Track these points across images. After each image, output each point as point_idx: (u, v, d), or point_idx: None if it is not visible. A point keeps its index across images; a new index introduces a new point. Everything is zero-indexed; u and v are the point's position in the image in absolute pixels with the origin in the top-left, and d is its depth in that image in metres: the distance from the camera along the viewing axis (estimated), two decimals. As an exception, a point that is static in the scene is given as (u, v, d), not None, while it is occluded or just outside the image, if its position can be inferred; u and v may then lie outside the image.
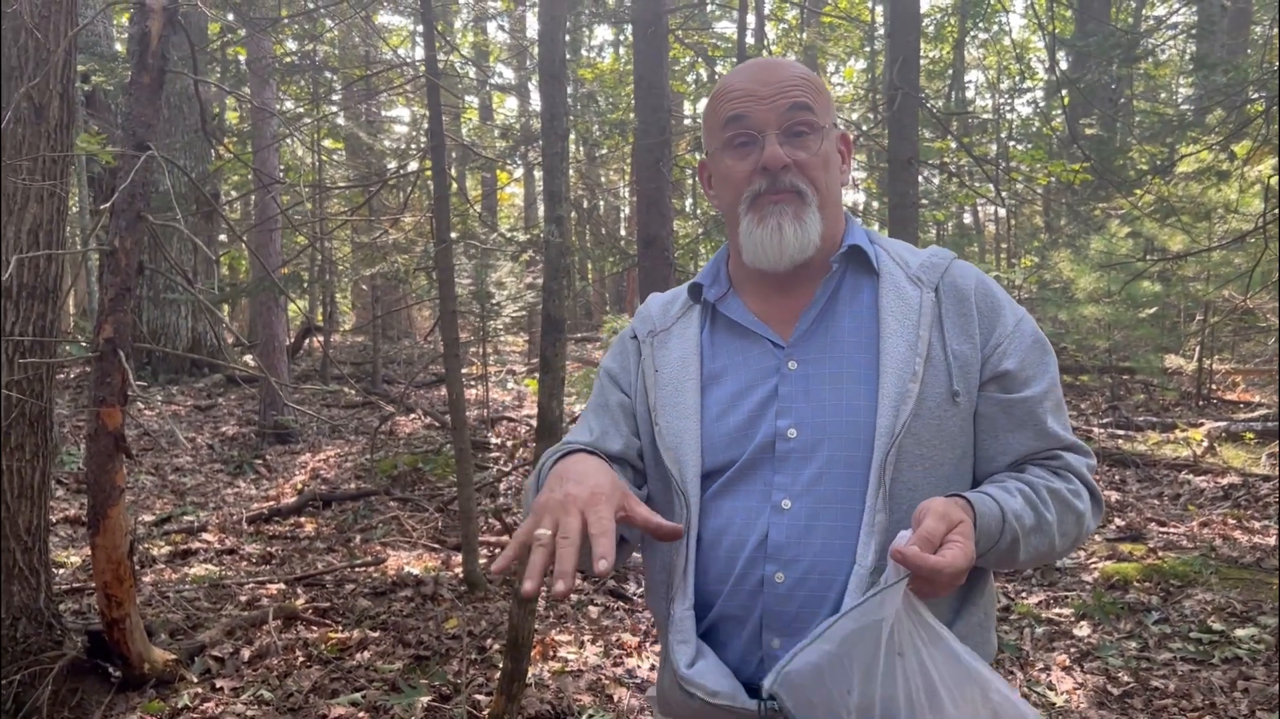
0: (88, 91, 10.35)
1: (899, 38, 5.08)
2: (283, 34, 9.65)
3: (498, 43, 16.30)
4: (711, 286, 1.48)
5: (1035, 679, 3.95)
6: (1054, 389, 1.39)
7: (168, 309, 11.76)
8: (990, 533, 1.25)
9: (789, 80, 1.38)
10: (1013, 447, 1.37)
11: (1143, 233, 9.83)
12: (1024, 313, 1.43)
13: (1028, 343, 1.39)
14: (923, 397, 1.32)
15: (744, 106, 1.38)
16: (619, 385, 1.52)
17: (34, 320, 3.66)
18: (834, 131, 1.43)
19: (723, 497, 1.38)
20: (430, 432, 9.49)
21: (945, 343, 1.36)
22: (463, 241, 9.86)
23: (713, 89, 1.47)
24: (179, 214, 3.96)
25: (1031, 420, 1.37)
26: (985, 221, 19.83)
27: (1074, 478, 1.38)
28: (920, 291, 1.38)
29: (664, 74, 6.51)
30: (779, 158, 1.35)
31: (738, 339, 1.44)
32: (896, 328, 1.35)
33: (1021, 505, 1.30)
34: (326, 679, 4.00)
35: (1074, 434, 1.42)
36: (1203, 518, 6.00)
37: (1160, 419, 8.76)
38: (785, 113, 1.36)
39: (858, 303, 1.40)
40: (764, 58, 1.45)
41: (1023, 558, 1.31)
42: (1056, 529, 1.33)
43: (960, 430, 1.36)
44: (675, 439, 1.40)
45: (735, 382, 1.41)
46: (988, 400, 1.37)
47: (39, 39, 3.59)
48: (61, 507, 6.75)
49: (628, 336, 1.55)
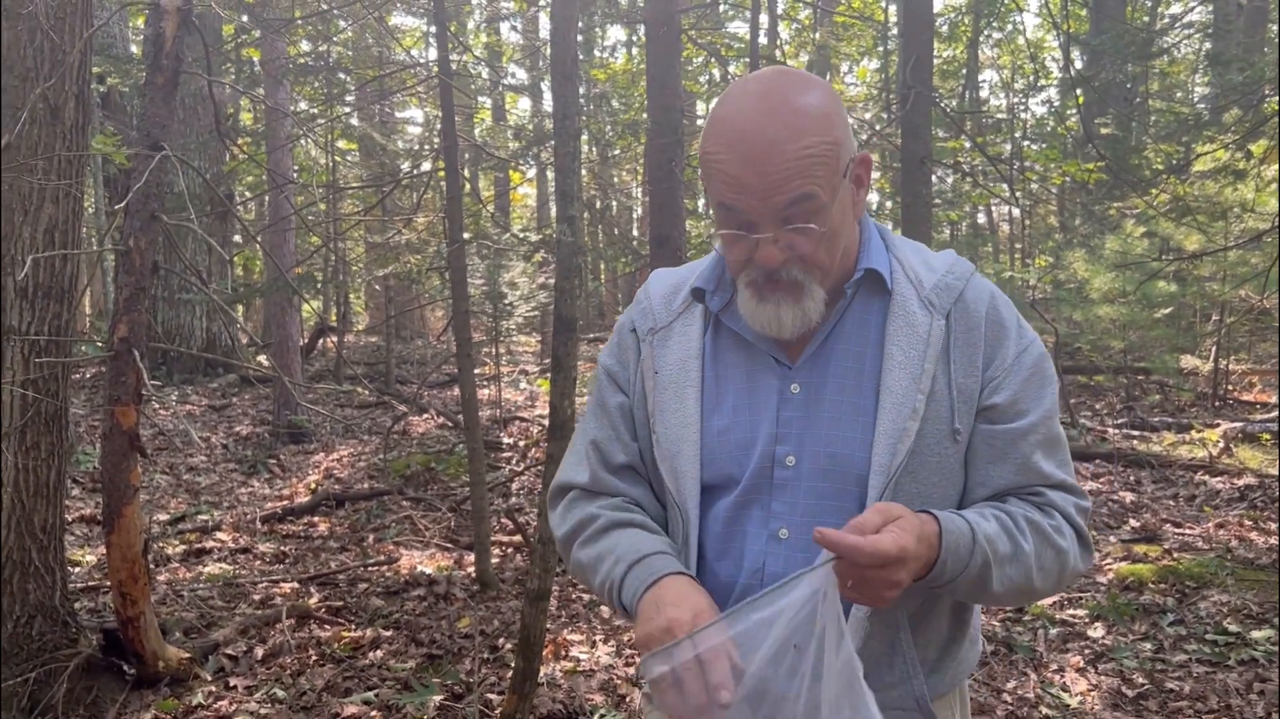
0: (103, 93, 10.41)
1: (912, 37, 5.07)
2: (296, 35, 9.68)
3: (510, 43, 16.32)
4: (714, 294, 1.39)
5: (1049, 680, 3.93)
6: (1044, 424, 1.32)
7: (182, 309, 11.81)
8: (958, 553, 1.20)
9: (790, 168, 1.20)
10: (992, 479, 1.31)
11: (1158, 232, 9.78)
12: (1031, 341, 1.35)
13: (1024, 376, 1.32)
14: (922, 433, 1.27)
15: (735, 199, 1.23)
16: (618, 384, 1.46)
17: (49, 320, 3.69)
18: (848, 179, 1.28)
19: (722, 518, 1.34)
20: (443, 431, 9.51)
21: (950, 376, 1.30)
22: (475, 242, 9.87)
23: (708, 119, 1.29)
24: (193, 214, 3.98)
25: (1014, 453, 1.30)
26: (999, 221, 19.75)
27: (1057, 514, 1.31)
28: (931, 318, 1.31)
29: (676, 74, 6.51)
30: (773, 259, 1.24)
31: (741, 351, 1.38)
32: (901, 359, 1.30)
33: (996, 530, 1.24)
34: (339, 678, 4.02)
35: (1073, 475, 1.35)
36: (1218, 519, 5.96)
37: (1176, 420, 8.71)
38: (784, 209, 1.22)
39: (866, 327, 1.34)
40: (759, 114, 1.22)
41: (997, 588, 1.24)
42: (1034, 562, 1.26)
43: (960, 467, 1.32)
44: (673, 449, 1.36)
45: (736, 396, 1.36)
46: (975, 432, 1.31)
47: (55, 40, 3.61)
48: (77, 506, 6.79)
49: (627, 329, 1.47)
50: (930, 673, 1.34)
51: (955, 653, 1.38)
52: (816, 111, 1.23)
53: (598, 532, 1.38)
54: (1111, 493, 6.62)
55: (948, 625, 1.37)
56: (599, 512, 1.40)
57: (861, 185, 1.32)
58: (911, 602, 1.30)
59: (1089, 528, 1.35)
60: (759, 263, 1.26)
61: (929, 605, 1.33)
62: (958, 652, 1.38)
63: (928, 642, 1.34)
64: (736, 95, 1.26)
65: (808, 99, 1.23)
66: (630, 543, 1.33)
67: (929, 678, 1.33)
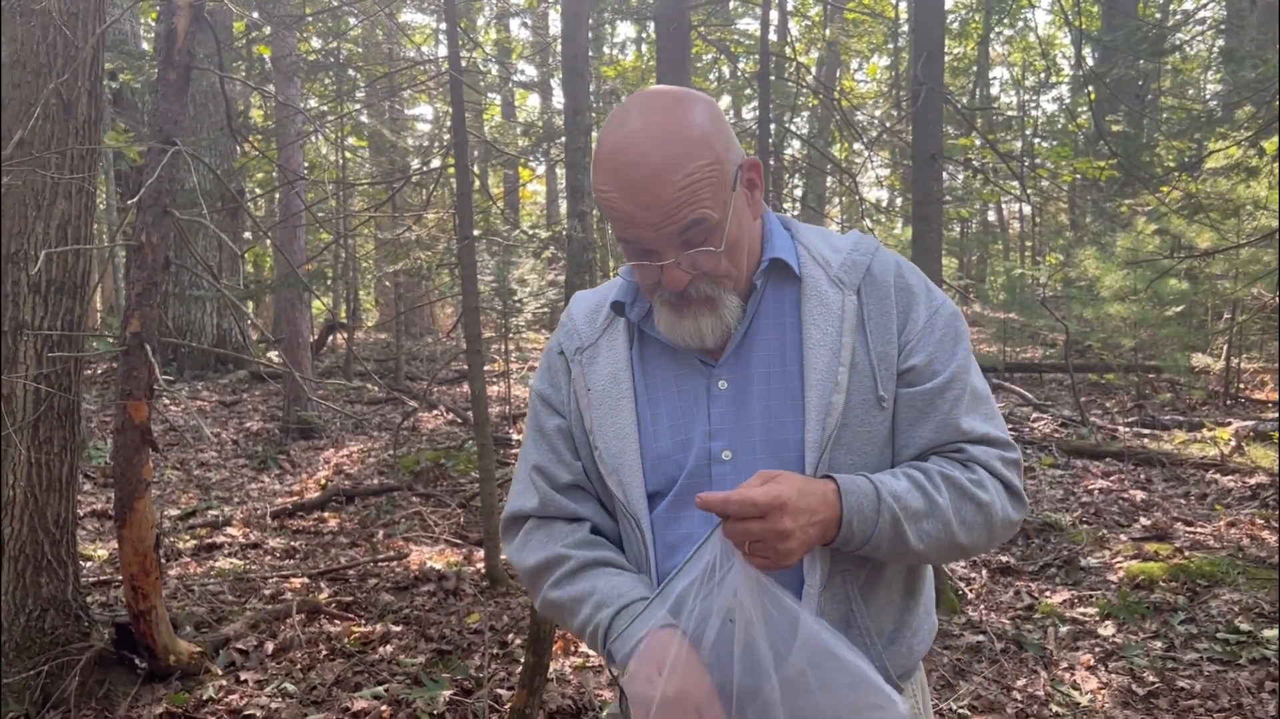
0: (115, 89, 10.45)
1: (923, 33, 5.05)
2: (307, 32, 9.70)
3: (520, 40, 16.33)
4: (633, 306, 1.42)
5: (1059, 678, 3.93)
6: (960, 380, 1.35)
7: (193, 305, 11.85)
8: (863, 510, 1.24)
9: (676, 197, 1.23)
10: (915, 439, 1.35)
11: (1169, 230, 9.73)
12: (941, 302, 1.40)
13: (937, 336, 1.36)
14: (848, 405, 1.31)
15: (630, 233, 1.27)
16: (552, 407, 1.48)
17: (62, 315, 3.70)
18: (739, 189, 1.31)
19: (671, 521, 1.37)
20: (453, 428, 9.52)
21: (869, 347, 1.34)
22: (485, 238, 9.88)
23: (600, 149, 1.30)
24: (205, 210, 3.99)
25: (933, 411, 1.34)
26: (1010, 219, 19.70)
27: (979, 468, 1.33)
28: (842, 294, 1.36)
29: (687, 71, 6.50)
30: (680, 281, 1.29)
31: (667, 357, 1.41)
32: (819, 337, 1.33)
33: (906, 487, 1.27)
34: (349, 672, 4.03)
35: (1000, 429, 1.38)
36: (1230, 518, 5.94)
37: (1187, 418, 8.68)
38: (679, 234, 1.26)
39: (781, 314, 1.38)
40: (637, 151, 1.24)
41: (917, 545, 1.28)
42: (953, 516, 1.29)
43: (889, 434, 1.35)
44: (616, 462, 1.38)
45: (669, 401, 1.39)
46: (897, 397, 1.35)
47: (67, 36, 3.62)
48: (89, 500, 6.82)
49: (554, 353, 1.50)
50: (889, 644, 1.37)
51: (911, 622, 1.41)
52: (696, 136, 1.25)
53: (570, 574, 1.39)
54: (1122, 491, 6.60)
55: (900, 595, 1.40)
56: (568, 552, 1.40)
57: (755, 188, 1.36)
58: (860, 572, 1.33)
59: (1020, 478, 1.37)
60: (667, 286, 1.30)
61: (876, 575, 1.36)
62: (913, 621, 1.41)
63: (882, 612, 1.37)
64: (616, 128, 1.28)
65: (685, 123, 1.26)
66: (610, 586, 1.35)
67: (887, 649, 1.37)
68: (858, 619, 1.34)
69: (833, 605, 1.32)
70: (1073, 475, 7.08)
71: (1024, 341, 13.01)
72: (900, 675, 1.38)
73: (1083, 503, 6.39)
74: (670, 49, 5.90)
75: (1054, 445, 7.78)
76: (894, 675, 1.36)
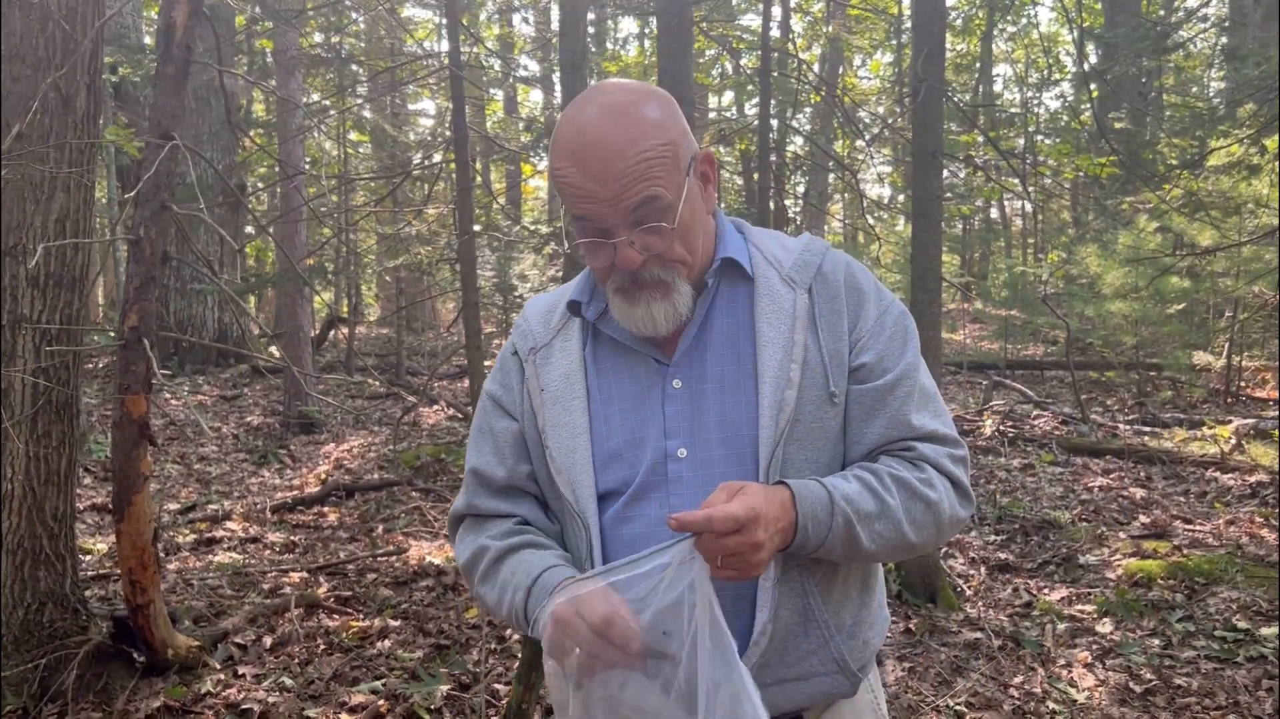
0: (115, 83, 10.44)
1: (924, 29, 5.04)
2: (308, 26, 9.69)
3: (522, 35, 16.32)
4: (589, 304, 1.44)
5: (1057, 676, 3.93)
6: (909, 377, 1.37)
7: (194, 300, 11.86)
8: (817, 517, 1.25)
9: (629, 172, 1.25)
10: (866, 436, 1.36)
11: (1171, 228, 9.73)
12: (890, 302, 1.42)
13: (887, 334, 1.39)
14: (800, 401, 1.32)
15: (587, 209, 1.29)
16: (502, 408, 1.49)
17: (60, 309, 3.70)
18: (692, 177, 1.33)
19: (623, 521, 1.37)
20: (453, 423, 9.53)
21: (820, 344, 1.36)
22: (486, 234, 9.88)
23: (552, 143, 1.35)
24: (205, 205, 3.99)
25: (883, 408, 1.36)
26: (1012, 216, 19.68)
27: (928, 467, 1.35)
28: (794, 294, 1.38)
29: (689, 67, 6.48)
30: (633, 261, 1.30)
31: (621, 356, 1.42)
32: (772, 335, 1.35)
33: (857, 489, 1.29)
34: (347, 667, 4.03)
35: (948, 425, 1.40)
36: (1229, 515, 5.94)
37: (1188, 416, 8.67)
38: (632, 212, 1.27)
39: (734, 313, 1.39)
40: (592, 126, 1.28)
41: (869, 546, 1.29)
42: (904, 516, 1.30)
43: (841, 430, 1.37)
44: (567, 461, 1.39)
45: (622, 400, 1.40)
46: (848, 394, 1.37)
47: (66, 30, 3.62)
48: (88, 494, 6.83)
49: (508, 353, 1.51)
50: (848, 638, 1.38)
51: (867, 617, 1.42)
52: (651, 119, 1.29)
53: (490, 564, 1.41)
54: (1122, 489, 6.60)
55: (857, 590, 1.41)
56: (488, 543, 1.42)
57: (709, 182, 1.38)
58: (817, 569, 1.34)
59: (967, 475, 1.39)
60: (620, 266, 1.31)
61: (833, 570, 1.37)
62: (869, 615, 1.42)
63: (840, 607, 1.38)
64: (575, 113, 1.32)
65: (642, 108, 1.30)
66: (523, 567, 1.36)
67: (847, 643, 1.38)
68: (815, 614, 1.34)
69: (790, 600, 1.33)
70: (1073, 473, 7.08)
71: (1025, 339, 13.01)
72: (859, 669, 1.39)
73: (1082, 500, 6.39)
74: (672, 45, 5.88)
75: (1054, 443, 7.78)
76: (854, 669, 1.37)
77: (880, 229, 13.18)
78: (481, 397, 1.53)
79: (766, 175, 6.52)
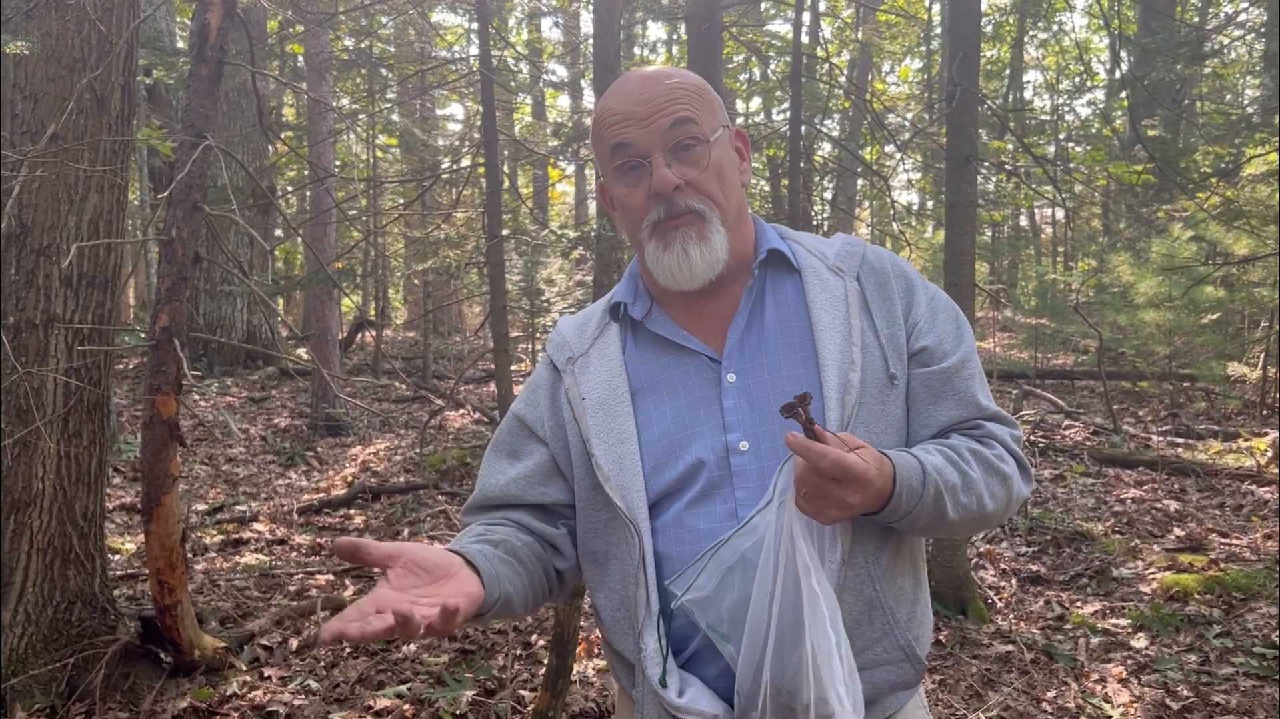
0: (149, 85, 10.53)
1: (959, 33, 4.99)
2: (340, 30, 9.74)
3: (551, 40, 16.35)
4: (635, 304, 1.44)
5: (1091, 691, 3.86)
6: (970, 360, 1.40)
7: (224, 301, 11.94)
8: (912, 486, 1.24)
9: (666, 95, 1.33)
10: (935, 418, 1.38)
11: (1206, 237, 9.59)
12: (936, 290, 1.45)
13: (941, 319, 1.41)
14: (865, 383, 1.33)
15: (625, 133, 1.34)
16: (526, 426, 1.47)
17: (93, 309, 3.72)
18: (725, 134, 1.39)
19: (684, 519, 1.34)
20: (479, 427, 9.53)
21: (876, 328, 1.37)
22: (514, 238, 9.89)
23: (598, 109, 1.42)
24: (236, 206, 4.00)
25: (950, 390, 1.37)
26: (1042, 224, 19.52)
27: (997, 444, 1.37)
28: (843, 281, 1.40)
29: (718, 71, 6.46)
30: (668, 181, 1.32)
31: (667, 354, 1.41)
32: (829, 320, 1.36)
33: (942, 462, 1.29)
34: (373, 670, 4.02)
35: (1003, 409, 1.43)
36: (1267, 529, 5.83)
37: (1222, 428, 8.54)
38: (667, 131, 1.33)
39: (783, 303, 1.40)
40: (638, 71, 1.41)
41: (953, 517, 1.29)
42: (984, 488, 1.32)
43: (903, 412, 1.38)
44: (614, 467, 1.35)
45: (672, 399, 1.38)
46: (911, 377, 1.38)
47: (102, 31, 3.64)
48: (117, 494, 6.87)
49: (542, 368, 1.50)
50: (904, 630, 1.37)
51: (919, 612, 1.40)
52: (691, 76, 1.39)
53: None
54: (1155, 501, 6.50)
55: (910, 585, 1.40)
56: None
57: (743, 158, 1.43)
58: (881, 554, 1.34)
59: (1025, 454, 1.42)
60: (656, 189, 1.33)
61: (894, 559, 1.36)
62: (920, 611, 1.41)
63: (897, 599, 1.36)
64: (621, 77, 1.42)
65: (685, 71, 1.40)
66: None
67: (906, 632, 1.37)
68: (882, 599, 1.33)
69: (856, 587, 1.31)
70: (1104, 484, 6.98)
71: (1055, 348, 12.86)
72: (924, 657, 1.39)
73: (1115, 512, 6.30)
74: (701, 49, 5.86)
75: (1086, 453, 7.67)
76: (920, 656, 1.36)
77: (909, 235, 13.08)
78: (507, 415, 1.51)
79: (797, 179, 6.48)
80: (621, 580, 1.36)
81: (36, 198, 3.59)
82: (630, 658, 1.37)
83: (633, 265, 1.49)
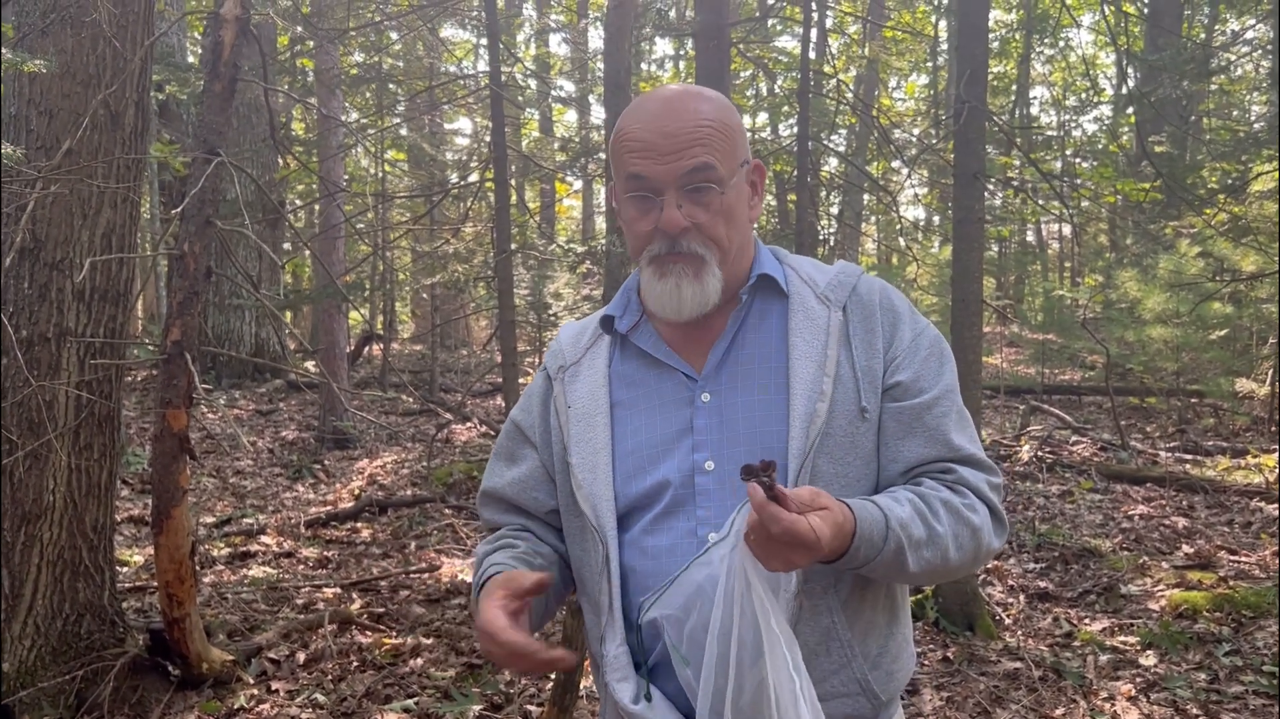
0: (162, 101, 10.60)
1: (966, 50, 5.01)
2: (350, 46, 9.81)
3: (559, 56, 16.42)
4: (623, 317, 1.46)
5: (1099, 709, 3.84)
6: (946, 399, 1.37)
7: (233, 314, 11.97)
8: (872, 540, 1.23)
9: (691, 133, 1.32)
10: (903, 454, 1.36)
11: (1213, 253, 9.59)
12: (925, 325, 1.43)
13: (923, 355, 1.39)
14: (832, 414, 1.33)
15: (643, 165, 1.34)
16: (522, 433, 1.53)
17: (105, 322, 3.74)
18: (743, 171, 1.39)
19: (648, 533, 1.37)
20: (486, 440, 9.54)
21: (854, 360, 1.36)
22: (521, 252, 9.92)
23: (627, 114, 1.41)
24: (246, 220, 4.03)
25: (920, 427, 1.35)
26: (1049, 239, 19.51)
27: (969, 492, 1.34)
28: (828, 310, 1.39)
29: (726, 87, 6.49)
30: (676, 223, 1.33)
31: (649, 370, 1.43)
32: (805, 349, 1.36)
33: (910, 514, 1.27)
34: (380, 684, 4.02)
35: (984, 453, 1.40)
36: (1275, 547, 5.80)
37: (1231, 444, 8.51)
38: (685, 174, 1.32)
39: (765, 328, 1.41)
40: (665, 92, 1.39)
41: (913, 569, 1.28)
42: (951, 542, 1.30)
43: (873, 446, 1.37)
44: (588, 476, 1.39)
45: (648, 414, 1.41)
46: (884, 411, 1.37)
47: (116, 48, 3.67)
48: (126, 506, 6.88)
49: (540, 375, 1.54)
50: (873, 667, 1.36)
51: (892, 648, 1.40)
52: (719, 103, 1.37)
53: (475, 565, 1.48)
54: (1163, 518, 6.48)
55: (884, 620, 1.39)
56: (482, 548, 1.49)
57: (755, 192, 1.43)
58: (842, 588, 1.33)
59: (1002, 503, 1.39)
60: (663, 228, 1.34)
61: (860, 594, 1.35)
62: (894, 647, 1.40)
63: (865, 633, 1.36)
64: (648, 95, 1.41)
65: (711, 94, 1.39)
66: (483, 568, 1.42)
67: (871, 671, 1.36)
68: (838, 633, 1.33)
69: (813, 618, 1.32)
70: (1112, 500, 6.96)
71: (1062, 364, 12.84)
72: (884, 696, 1.37)
73: (1123, 529, 6.28)
74: (709, 65, 5.89)
75: (1093, 469, 7.65)
76: (878, 693, 1.35)
77: (916, 251, 13.09)
78: (507, 420, 1.56)
79: (805, 194, 6.50)
80: (593, 586, 1.40)
81: (51, 212, 3.62)
82: (595, 661, 1.43)
83: (630, 279, 1.51)
